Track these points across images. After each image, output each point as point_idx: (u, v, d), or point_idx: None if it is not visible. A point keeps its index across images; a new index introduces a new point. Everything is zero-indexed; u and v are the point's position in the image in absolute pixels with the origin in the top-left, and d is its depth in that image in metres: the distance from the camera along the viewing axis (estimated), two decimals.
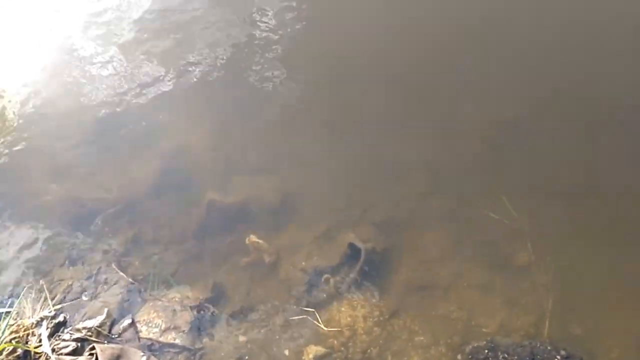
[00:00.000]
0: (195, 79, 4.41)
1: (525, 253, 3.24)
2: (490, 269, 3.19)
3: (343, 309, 3.06)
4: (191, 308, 3.05)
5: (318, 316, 3.01)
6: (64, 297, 3.10)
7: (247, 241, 3.40)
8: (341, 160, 3.86)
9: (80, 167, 3.82)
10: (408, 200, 3.55)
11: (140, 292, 3.18)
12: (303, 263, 3.31)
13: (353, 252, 3.31)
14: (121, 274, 3.18)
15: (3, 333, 2.83)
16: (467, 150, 3.79)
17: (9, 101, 4.25)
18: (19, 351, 2.80)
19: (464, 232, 3.38)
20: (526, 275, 3.15)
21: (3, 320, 2.92)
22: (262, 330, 2.98)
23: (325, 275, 3.26)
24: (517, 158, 3.67)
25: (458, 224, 3.42)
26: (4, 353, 2.72)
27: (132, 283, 3.18)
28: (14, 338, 2.81)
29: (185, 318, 3.01)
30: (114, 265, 3.22)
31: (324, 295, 3.15)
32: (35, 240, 3.41)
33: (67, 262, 3.30)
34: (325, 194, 3.68)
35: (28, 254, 3.35)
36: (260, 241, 3.39)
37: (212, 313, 3.08)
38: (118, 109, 4.21)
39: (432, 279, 3.18)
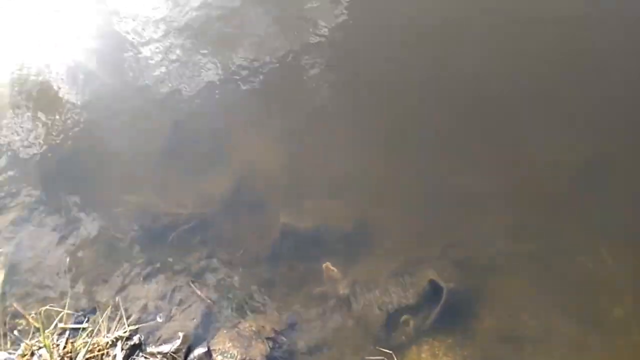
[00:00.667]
0: (261, 88, 4.26)
1: (621, 307, 2.97)
2: (583, 322, 2.98)
3: (423, 355, 2.90)
4: (266, 340, 2.93)
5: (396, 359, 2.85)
6: (139, 317, 3.04)
7: (323, 267, 3.26)
8: (419, 188, 3.69)
9: (153, 179, 3.74)
10: (493, 239, 3.35)
11: (214, 317, 3.09)
12: (380, 299, 3.16)
13: (433, 291, 3.13)
14: (199, 293, 3.11)
15: (79, 352, 2.79)
16: (558, 186, 3.55)
17: (71, 101, 4.23)
18: None
19: (553, 279, 3.16)
20: (622, 332, 2.89)
21: (79, 338, 2.89)
22: None
23: (405, 316, 3.11)
24: (614, 199, 3.39)
25: (547, 270, 3.20)
26: None
27: (207, 307, 3.09)
28: (90, 358, 2.77)
29: (260, 350, 2.91)
30: (191, 285, 3.14)
31: (403, 337, 3.00)
32: (110, 254, 3.37)
33: (142, 278, 3.25)
34: (403, 224, 3.51)
35: (103, 268, 3.31)
36: (335, 270, 3.25)
37: (286, 346, 2.95)
38: (186, 118, 4.10)
39: (520, 330, 2.97)
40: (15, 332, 2.97)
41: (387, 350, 2.93)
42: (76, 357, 2.79)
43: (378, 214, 3.57)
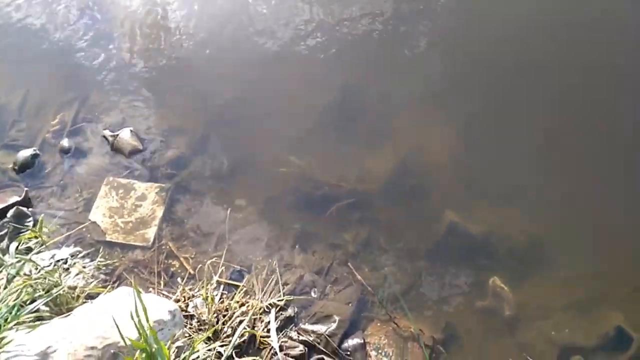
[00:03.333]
0: (440, 66, 3.87)
1: None
2: None
3: None
4: (425, 347, 2.66)
5: None
6: (294, 288, 2.86)
7: (490, 281, 2.92)
8: (613, 214, 3.21)
9: (318, 146, 3.51)
10: None
11: (369, 305, 2.86)
12: (551, 331, 2.78)
13: (618, 338, 2.71)
14: (359, 277, 2.90)
15: (235, 311, 2.65)
16: None
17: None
18: (246, 334, 2.62)
19: None
20: None
21: (234, 296, 2.76)
22: None
23: (577, 357, 2.72)
24: None
25: None
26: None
27: (362, 292, 2.87)
28: (243, 320, 2.63)
29: (417, 356, 2.69)
30: (350, 266, 2.93)
31: None
32: (267, 213, 3.22)
33: (297, 246, 3.06)
34: (586, 250, 3.10)
35: (259, 227, 3.16)
36: (505, 287, 2.91)
37: (443, 359, 2.68)
38: (353, 83, 3.81)
39: None
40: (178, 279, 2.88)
41: None
42: (232, 316, 2.66)
43: (559, 233, 3.18)
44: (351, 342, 2.70)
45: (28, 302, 2.41)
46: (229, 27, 4.22)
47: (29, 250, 2.83)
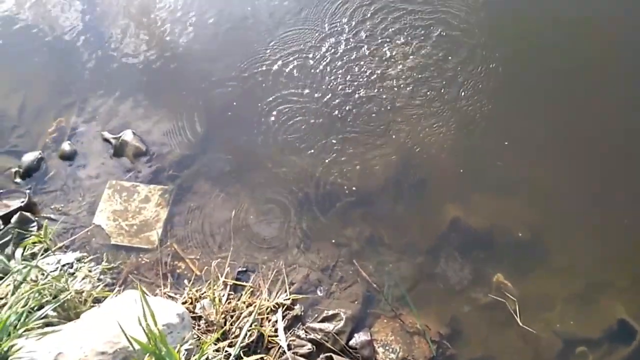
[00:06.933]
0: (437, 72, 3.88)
1: None
2: None
3: None
4: (432, 342, 2.69)
5: None
6: (300, 287, 2.89)
7: (494, 279, 2.96)
8: (613, 203, 3.24)
9: (319, 144, 3.53)
10: None
11: (374, 302, 2.89)
12: (555, 323, 2.82)
13: (621, 330, 2.75)
14: (364, 274, 2.93)
15: (243, 311, 2.68)
16: None
17: None
18: (254, 334, 2.64)
19: None
20: None
21: (241, 296, 2.78)
22: None
23: (582, 348, 2.76)
24: None
25: None
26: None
27: (368, 289, 2.89)
28: (253, 321, 2.65)
29: (424, 351, 2.70)
30: (355, 264, 2.95)
31: None
32: (270, 212, 3.23)
33: (302, 245, 3.08)
34: (586, 242, 3.13)
35: (264, 227, 3.17)
36: (508, 283, 2.94)
37: (449, 353, 2.72)
38: (346, 88, 3.82)
39: None
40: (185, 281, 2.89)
41: None
42: (239, 316, 2.68)
43: (559, 224, 3.21)
44: (358, 339, 2.73)
45: (36, 308, 2.42)
46: (226, 24, 4.20)
47: (34, 255, 2.83)
